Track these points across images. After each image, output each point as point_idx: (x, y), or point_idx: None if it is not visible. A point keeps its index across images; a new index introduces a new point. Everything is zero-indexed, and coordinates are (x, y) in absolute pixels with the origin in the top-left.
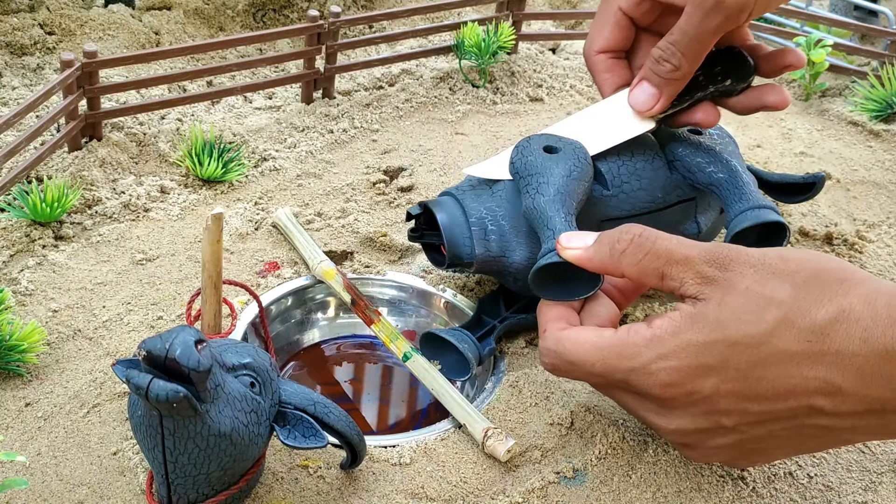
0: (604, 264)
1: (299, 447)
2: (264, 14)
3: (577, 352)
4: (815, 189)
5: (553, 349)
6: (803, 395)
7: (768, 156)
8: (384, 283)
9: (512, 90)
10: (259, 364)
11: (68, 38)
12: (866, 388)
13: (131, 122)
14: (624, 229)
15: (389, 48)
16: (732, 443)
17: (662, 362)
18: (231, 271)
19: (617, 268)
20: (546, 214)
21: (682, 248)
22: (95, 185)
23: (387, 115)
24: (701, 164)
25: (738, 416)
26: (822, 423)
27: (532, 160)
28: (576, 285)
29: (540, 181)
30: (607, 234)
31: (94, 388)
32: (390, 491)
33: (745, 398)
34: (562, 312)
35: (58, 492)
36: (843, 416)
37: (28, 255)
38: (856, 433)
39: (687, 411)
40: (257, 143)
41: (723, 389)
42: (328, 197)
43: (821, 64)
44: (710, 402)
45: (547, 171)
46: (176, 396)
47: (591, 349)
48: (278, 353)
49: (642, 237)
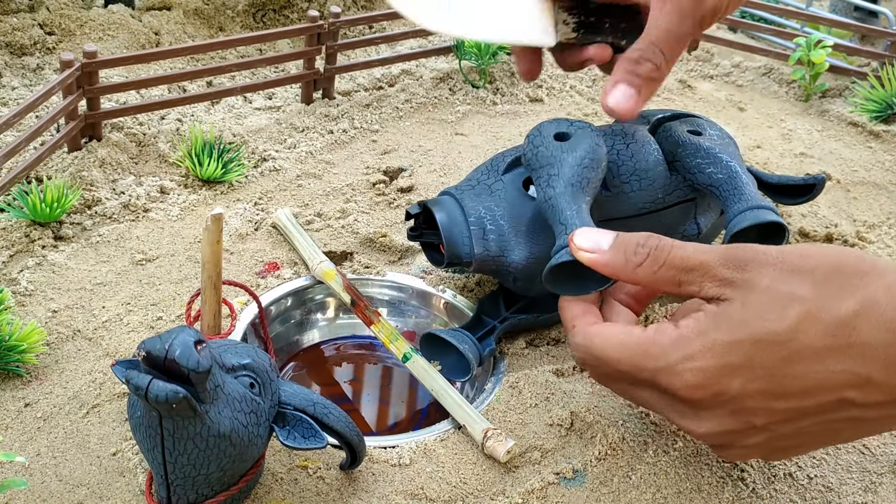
0: (617, 273)
1: (299, 448)
2: (264, 14)
3: (605, 348)
4: (815, 191)
5: (582, 344)
6: (832, 390)
7: (768, 156)
8: (384, 284)
9: (512, 90)
10: (259, 365)
11: (68, 38)
12: (895, 376)
13: (131, 123)
14: (641, 241)
15: (389, 48)
16: (764, 440)
17: (689, 363)
18: (231, 272)
19: (631, 277)
20: (558, 208)
21: (697, 255)
22: (95, 186)
23: (387, 115)
24: (701, 165)
25: (767, 414)
26: (852, 414)
27: (543, 151)
28: (589, 280)
29: (551, 173)
30: (623, 243)
31: (93, 389)
32: (390, 492)
33: (773, 396)
34: (587, 308)
35: (57, 492)
36: (873, 406)
37: (28, 255)
38: (885, 423)
39: (715, 413)
40: (257, 143)
41: (750, 389)
42: (328, 197)
43: (821, 65)
44: (738, 402)
45: (558, 161)
46: (175, 397)
47: (618, 346)
48: (278, 353)
49: (658, 249)
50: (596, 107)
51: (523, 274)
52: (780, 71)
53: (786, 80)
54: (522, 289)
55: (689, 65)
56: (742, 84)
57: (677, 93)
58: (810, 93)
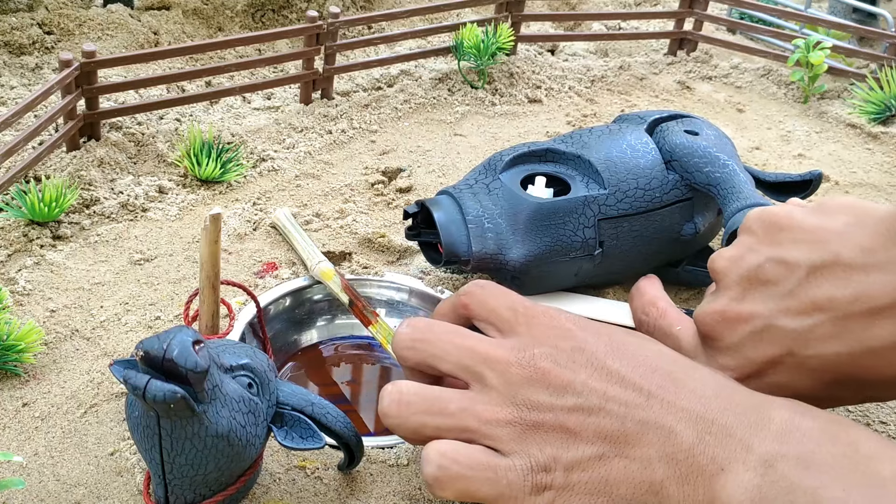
0: None
1: (297, 448)
2: (263, 14)
3: None
4: (812, 187)
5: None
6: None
7: (767, 158)
8: (382, 284)
9: (511, 91)
10: (257, 365)
11: (67, 37)
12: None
13: (130, 122)
14: None
15: (388, 49)
16: None
17: None
18: (229, 272)
19: None
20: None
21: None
22: (93, 185)
23: (385, 115)
24: (698, 164)
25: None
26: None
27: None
28: None
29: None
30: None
31: (91, 389)
32: (388, 492)
33: None
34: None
35: (55, 492)
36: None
37: (26, 254)
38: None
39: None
40: (256, 143)
41: None
42: (326, 197)
43: (820, 66)
44: None
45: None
46: (173, 397)
47: None
48: (276, 353)
49: None
50: (595, 107)
51: (522, 272)
52: (778, 72)
53: (784, 82)
54: (520, 287)
55: (687, 66)
56: (741, 85)
57: (676, 94)
58: (809, 94)
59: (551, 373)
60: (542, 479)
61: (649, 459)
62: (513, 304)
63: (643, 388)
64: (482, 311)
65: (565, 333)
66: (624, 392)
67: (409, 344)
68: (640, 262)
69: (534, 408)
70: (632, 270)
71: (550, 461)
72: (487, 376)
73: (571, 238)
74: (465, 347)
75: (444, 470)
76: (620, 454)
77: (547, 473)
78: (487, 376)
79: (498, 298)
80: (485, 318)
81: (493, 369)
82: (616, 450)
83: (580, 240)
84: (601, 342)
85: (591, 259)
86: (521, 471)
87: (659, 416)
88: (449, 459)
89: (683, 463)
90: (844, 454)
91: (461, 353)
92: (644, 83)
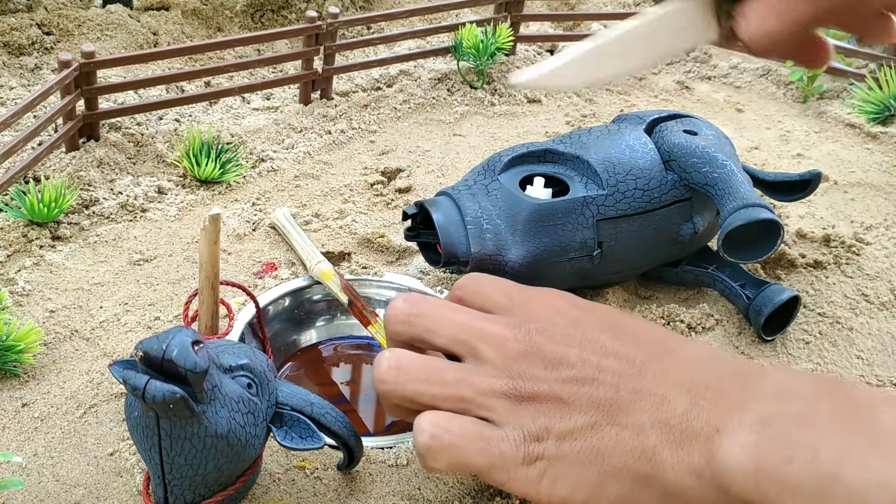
0: None
1: (296, 448)
2: (262, 15)
3: None
4: (811, 186)
5: None
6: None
7: (766, 157)
8: (381, 285)
9: (509, 91)
10: (256, 365)
11: (66, 38)
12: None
13: (129, 123)
14: None
15: (387, 49)
16: None
17: None
18: (228, 272)
19: None
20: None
21: None
22: (93, 186)
23: (385, 116)
24: (696, 164)
25: None
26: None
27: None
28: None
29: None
30: None
31: (90, 389)
32: (387, 492)
33: None
34: None
35: (54, 492)
36: None
37: (25, 255)
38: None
39: None
40: (255, 143)
41: None
42: (326, 198)
43: None
44: None
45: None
46: (172, 397)
47: None
48: (275, 353)
49: None
50: (594, 107)
51: (520, 273)
52: (777, 72)
53: (784, 82)
54: None
55: (686, 66)
56: (740, 85)
57: (675, 94)
58: (808, 94)
59: (546, 347)
60: (533, 450)
61: (641, 426)
62: (507, 288)
63: (636, 360)
64: (477, 299)
65: (560, 311)
66: (618, 363)
67: (405, 318)
68: (639, 263)
69: (529, 379)
70: (630, 271)
71: (542, 431)
72: (483, 350)
73: (570, 239)
74: (460, 322)
75: (437, 439)
76: (612, 422)
77: (539, 443)
78: (483, 350)
79: (491, 285)
80: (480, 306)
81: (489, 344)
82: (608, 418)
83: (579, 240)
84: (596, 319)
85: (589, 259)
86: (514, 441)
87: (652, 385)
88: (441, 429)
89: (677, 428)
90: (843, 406)
91: (457, 327)
92: (643, 83)
